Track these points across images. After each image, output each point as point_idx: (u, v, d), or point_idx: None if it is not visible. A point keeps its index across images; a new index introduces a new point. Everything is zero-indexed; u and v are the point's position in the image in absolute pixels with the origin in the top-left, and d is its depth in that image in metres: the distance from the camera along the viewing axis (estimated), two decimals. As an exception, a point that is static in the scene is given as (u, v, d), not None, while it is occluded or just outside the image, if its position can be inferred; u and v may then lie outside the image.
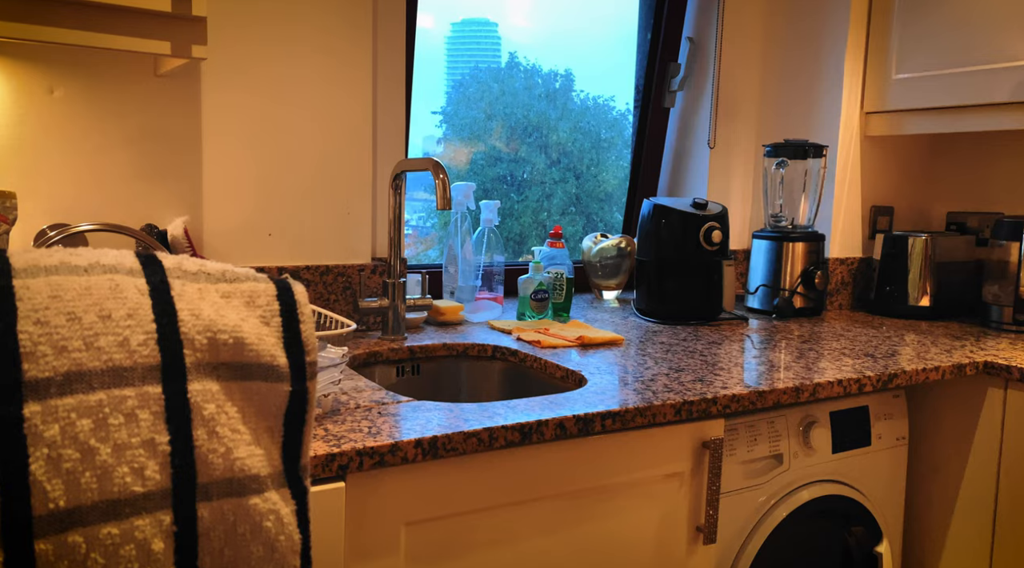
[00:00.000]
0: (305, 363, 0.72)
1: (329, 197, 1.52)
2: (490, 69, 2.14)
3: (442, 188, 1.27)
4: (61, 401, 0.60)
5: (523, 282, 1.65)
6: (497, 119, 2.13)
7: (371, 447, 0.89)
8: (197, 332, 0.66)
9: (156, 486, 0.63)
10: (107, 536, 0.61)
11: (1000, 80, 1.66)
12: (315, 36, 1.48)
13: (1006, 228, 1.72)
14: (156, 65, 1.33)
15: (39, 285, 0.62)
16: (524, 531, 1.03)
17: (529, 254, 2.04)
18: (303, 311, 0.73)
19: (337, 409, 1.02)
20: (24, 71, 1.25)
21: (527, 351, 1.39)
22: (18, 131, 1.25)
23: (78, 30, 1.03)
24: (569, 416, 1.02)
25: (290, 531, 0.70)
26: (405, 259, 1.45)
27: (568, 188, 2.23)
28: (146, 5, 1.05)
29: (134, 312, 0.65)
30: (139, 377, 0.63)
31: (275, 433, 0.71)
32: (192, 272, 0.70)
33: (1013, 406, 1.42)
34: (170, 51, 1.10)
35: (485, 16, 2.13)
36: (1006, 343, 1.58)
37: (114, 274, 0.66)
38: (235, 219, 1.44)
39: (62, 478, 0.59)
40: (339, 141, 1.53)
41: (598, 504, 1.08)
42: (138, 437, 0.62)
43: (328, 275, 1.51)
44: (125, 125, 1.33)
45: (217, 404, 0.67)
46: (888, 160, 2.04)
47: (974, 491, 1.48)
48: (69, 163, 1.29)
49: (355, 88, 1.53)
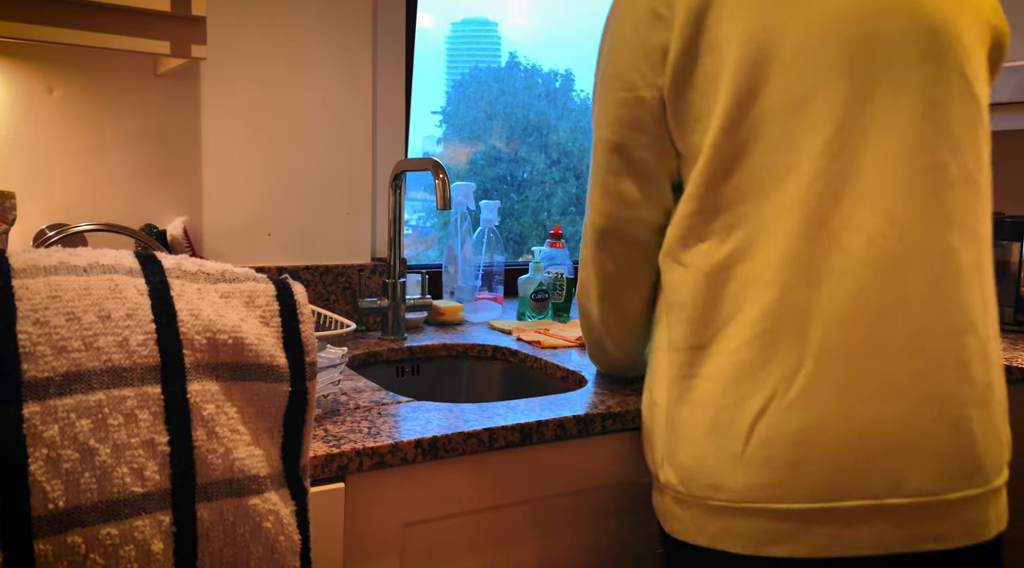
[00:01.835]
0: (305, 363, 0.72)
1: (329, 197, 1.52)
2: (490, 69, 2.14)
3: (442, 188, 1.27)
4: (60, 401, 0.60)
5: (523, 282, 1.65)
6: (497, 119, 2.13)
7: (371, 448, 0.88)
8: (196, 332, 0.66)
9: (155, 486, 0.63)
10: (106, 536, 0.61)
11: (1000, 80, 1.66)
12: (315, 36, 1.48)
13: (1007, 228, 1.72)
14: (156, 65, 1.33)
15: (38, 285, 0.62)
16: (524, 532, 1.03)
17: (529, 254, 2.04)
18: (303, 311, 0.73)
19: (337, 409, 1.02)
20: (24, 71, 1.24)
21: (527, 351, 1.39)
22: (17, 131, 1.25)
23: (78, 30, 1.03)
24: (569, 416, 1.02)
25: (290, 532, 0.70)
26: (405, 259, 1.45)
27: (568, 188, 2.23)
28: (146, 5, 1.05)
29: (133, 312, 0.64)
30: (138, 377, 0.63)
31: (275, 433, 0.71)
32: (191, 272, 0.70)
33: (1013, 406, 1.42)
34: (170, 51, 1.10)
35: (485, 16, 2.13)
36: (1007, 343, 1.58)
37: (113, 274, 0.66)
38: (235, 219, 1.44)
39: (61, 478, 0.59)
40: (339, 141, 1.53)
41: (599, 505, 1.08)
42: (137, 437, 0.62)
43: (328, 275, 1.51)
44: (124, 125, 1.33)
45: (216, 404, 0.67)
46: (888, 160, 2.03)
47: (974, 491, 1.48)
48: (69, 163, 1.29)
49: (355, 88, 1.53)
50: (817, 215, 0.84)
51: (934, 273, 0.85)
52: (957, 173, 0.89)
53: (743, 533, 0.85)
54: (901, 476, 0.82)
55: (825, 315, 0.83)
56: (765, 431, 0.83)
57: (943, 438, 0.83)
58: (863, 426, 0.82)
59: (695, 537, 0.88)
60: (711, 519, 0.86)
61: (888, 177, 0.85)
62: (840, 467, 0.82)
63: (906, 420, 0.82)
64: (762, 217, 0.86)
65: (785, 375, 0.83)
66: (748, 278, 0.86)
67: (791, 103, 0.86)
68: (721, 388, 0.86)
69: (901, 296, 0.84)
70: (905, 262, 0.84)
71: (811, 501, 0.82)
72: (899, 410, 0.82)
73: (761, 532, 0.84)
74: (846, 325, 0.83)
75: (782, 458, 0.83)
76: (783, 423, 0.83)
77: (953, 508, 0.83)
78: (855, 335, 0.83)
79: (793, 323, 0.84)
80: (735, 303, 0.87)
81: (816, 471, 0.82)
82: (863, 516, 0.82)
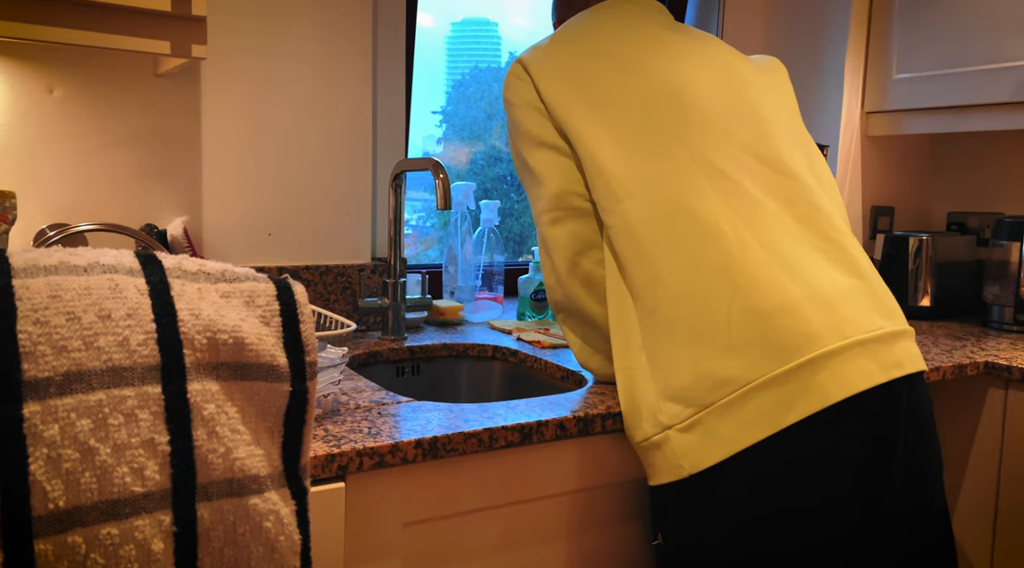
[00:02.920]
0: (305, 363, 0.72)
1: (329, 197, 1.52)
2: (490, 69, 2.14)
3: (442, 188, 1.27)
4: (61, 401, 0.60)
5: (523, 282, 1.65)
6: (497, 119, 2.13)
7: (371, 448, 0.88)
8: (197, 332, 0.66)
9: (156, 486, 0.63)
10: (107, 536, 0.61)
11: (1001, 80, 1.66)
12: (315, 36, 1.48)
13: (1007, 228, 1.72)
14: (156, 65, 1.33)
15: (38, 285, 0.62)
16: (524, 532, 1.03)
17: (529, 254, 2.04)
18: (303, 311, 0.73)
19: (337, 409, 1.02)
20: (24, 71, 1.24)
21: (527, 351, 1.39)
22: (18, 131, 1.25)
23: (78, 30, 1.03)
24: (569, 416, 1.02)
25: (290, 531, 0.70)
26: (405, 259, 1.45)
27: (568, 188, 2.22)
28: (146, 5, 1.05)
29: (134, 312, 0.64)
30: (139, 377, 0.63)
31: (275, 433, 0.71)
32: (192, 272, 0.70)
33: (1014, 406, 1.42)
34: (170, 51, 1.10)
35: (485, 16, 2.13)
36: (1007, 343, 1.58)
37: (114, 274, 0.66)
38: (235, 219, 1.44)
39: (62, 478, 0.59)
40: (339, 141, 1.53)
41: (599, 505, 1.08)
42: (138, 437, 0.62)
43: (328, 275, 1.51)
44: (125, 125, 1.33)
45: (217, 404, 0.67)
46: (888, 160, 2.04)
47: (975, 491, 1.48)
48: (69, 163, 1.29)
49: (355, 88, 1.53)
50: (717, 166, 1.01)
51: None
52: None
53: (759, 414, 0.90)
54: (855, 319, 0.94)
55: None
56: (739, 315, 0.92)
57: (865, 292, 0.98)
58: (817, 287, 0.95)
59: (711, 455, 0.91)
60: (723, 421, 0.91)
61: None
62: (809, 319, 0.92)
63: (839, 281, 0.98)
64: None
65: (736, 269, 0.95)
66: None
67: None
68: (685, 302, 0.95)
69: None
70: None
71: (803, 356, 0.90)
72: (833, 275, 0.98)
73: (775, 404, 0.89)
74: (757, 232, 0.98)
75: (765, 330, 0.92)
76: (753, 302, 0.93)
77: (896, 338, 0.97)
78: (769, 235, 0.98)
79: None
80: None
81: (797, 330, 0.91)
82: (845, 354, 0.92)
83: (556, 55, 1.10)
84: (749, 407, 0.90)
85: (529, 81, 1.10)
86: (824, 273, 0.97)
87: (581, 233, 1.09)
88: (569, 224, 1.09)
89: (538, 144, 1.10)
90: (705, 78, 1.07)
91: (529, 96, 1.10)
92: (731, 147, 1.02)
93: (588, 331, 1.15)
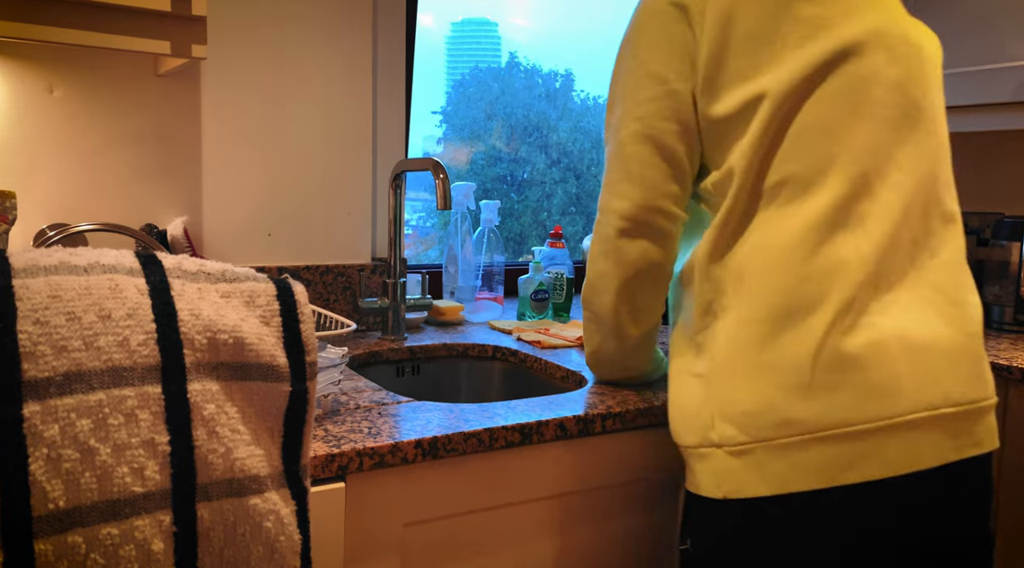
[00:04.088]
0: (305, 363, 0.72)
1: (329, 197, 1.52)
2: (490, 69, 2.14)
3: (442, 188, 1.27)
4: (61, 401, 0.60)
5: (523, 282, 1.65)
6: (497, 119, 2.13)
7: (371, 448, 0.88)
8: (197, 332, 0.66)
9: (156, 486, 0.63)
10: (107, 536, 0.61)
11: (1002, 80, 1.66)
12: (315, 36, 1.48)
13: (1007, 228, 1.72)
14: (156, 65, 1.33)
15: (39, 285, 0.62)
16: (524, 532, 1.03)
17: (529, 254, 2.04)
18: (303, 311, 0.73)
19: (337, 409, 1.02)
20: (24, 71, 1.24)
21: (527, 351, 1.39)
22: (18, 131, 1.25)
23: (78, 30, 1.03)
24: (569, 416, 1.02)
25: (290, 531, 0.70)
26: (405, 259, 1.45)
27: (568, 188, 2.23)
28: (146, 5, 1.05)
29: (134, 312, 0.64)
30: (139, 377, 0.63)
31: (275, 433, 0.71)
32: (192, 272, 0.70)
33: (1014, 406, 1.42)
34: (170, 51, 1.10)
35: (485, 16, 2.13)
36: (1007, 343, 1.58)
37: (114, 274, 0.66)
38: (235, 219, 1.44)
39: (62, 478, 0.59)
40: (339, 141, 1.53)
41: (599, 505, 1.08)
42: (138, 437, 0.62)
43: (328, 275, 1.51)
44: (125, 125, 1.33)
45: (217, 404, 0.67)
46: (888, 160, 2.03)
47: (975, 491, 1.48)
48: (69, 163, 1.29)
49: (355, 88, 1.53)
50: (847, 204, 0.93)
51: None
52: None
53: (816, 464, 0.86)
54: (949, 387, 0.89)
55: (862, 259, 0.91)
56: (828, 356, 0.87)
57: (968, 354, 0.92)
58: (918, 343, 0.89)
59: (752, 488, 0.88)
60: (776, 460, 0.87)
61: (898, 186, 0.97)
62: (900, 376, 0.87)
63: (942, 337, 0.91)
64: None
65: (843, 305, 0.88)
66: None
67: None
68: (769, 329, 0.89)
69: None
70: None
71: (882, 419, 0.86)
72: (937, 329, 0.91)
73: (835, 459, 0.85)
74: (879, 264, 0.91)
75: (849, 379, 0.86)
76: (847, 348, 0.87)
77: (983, 414, 0.91)
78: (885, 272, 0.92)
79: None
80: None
81: (885, 387, 0.86)
82: (925, 427, 0.87)
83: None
84: (808, 454, 0.86)
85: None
86: (926, 321, 0.91)
87: (650, 254, 1.02)
88: (641, 241, 1.02)
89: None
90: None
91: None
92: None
93: (608, 339, 1.10)
